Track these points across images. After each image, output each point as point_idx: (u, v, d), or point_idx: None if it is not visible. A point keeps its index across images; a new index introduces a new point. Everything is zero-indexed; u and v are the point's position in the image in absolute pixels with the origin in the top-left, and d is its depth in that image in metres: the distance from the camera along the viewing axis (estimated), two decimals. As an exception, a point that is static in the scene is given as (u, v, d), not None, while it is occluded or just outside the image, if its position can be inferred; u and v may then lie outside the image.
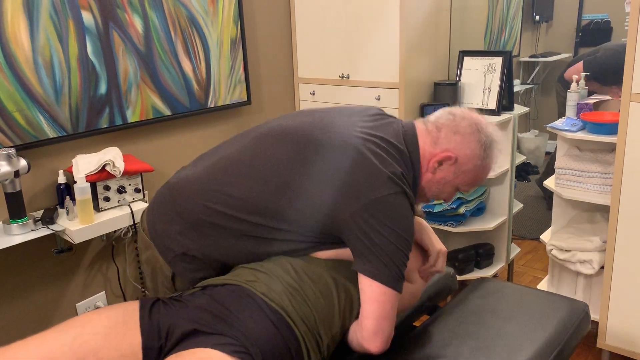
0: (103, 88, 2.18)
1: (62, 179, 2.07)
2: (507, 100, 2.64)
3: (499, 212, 2.74)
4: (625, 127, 1.94)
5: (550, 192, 3.80)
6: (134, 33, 2.24)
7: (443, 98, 2.60)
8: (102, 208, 2.07)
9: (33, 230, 1.93)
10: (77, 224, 1.97)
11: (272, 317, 1.24)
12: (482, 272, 2.69)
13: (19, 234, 1.90)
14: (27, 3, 1.93)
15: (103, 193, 2.07)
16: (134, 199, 2.15)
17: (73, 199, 2.01)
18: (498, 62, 2.60)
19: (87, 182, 1.96)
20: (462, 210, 2.58)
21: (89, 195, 1.96)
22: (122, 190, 2.10)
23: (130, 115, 2.28)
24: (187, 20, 2.41)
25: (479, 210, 2.72)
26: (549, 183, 2.44)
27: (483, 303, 1.68)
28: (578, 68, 3.42)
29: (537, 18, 4.78)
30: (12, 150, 1.86)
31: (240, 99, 2.70)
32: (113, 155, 2.08)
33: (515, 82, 4.46)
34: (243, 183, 1.31)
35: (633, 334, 2.08)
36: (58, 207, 2.09)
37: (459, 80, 2.66)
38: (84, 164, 2.03)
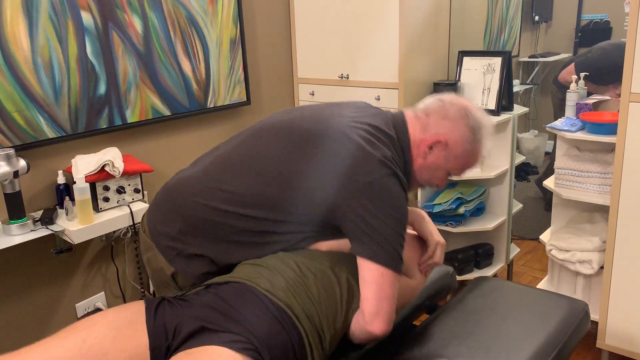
0: (102, 88, 2.18)
1: (61, 180, 2.07)
2: (506, 101, 2.64)
3: (499, 212, 2.74)
4: (625, 127, 1.94)
5: (550, 192, 3.81)
6: (134, 33, 2.24)
7: (442, 98, 2.60)
8: (101, 208, 2.07)
9: (32, 231, 1.93)
10: (76, 225, 1.96)
11: (276, 313, 1.24)
12: (481, 272, 2.69)
13: (18, 235, 1.90)
14: (26, 3, 1.93)
15: (102, 193, 2.07)
16: (134, 199, 2.15)
17: (72, 200, 2.01)
18: (497, 62, 2.60)
19: (86, 182, 1.96)
20: (461, 211, 2.58)
21: (89, 196, 1.96)
22: (121, 191, 2.10)
23: (130, 116, 2.28)
24: (186, 21, 2.41)
25: (479, 211, 2.72)
26: (549, 183, 2.44)
27: (482, 302, 1.68)
28: (570, 70, 3.43)
29: (536, 18, 4.78)
30: (11, 151, 1.86)
31: (240, 99, 2.70)
32: (112, 156, 2.07)
33: (515, 82, 4.46)
34: (240, 179, 1.33)
35: (633, 334, 2.08)
36: (57, 207, 2.09)
37: (459, 81, 2.66)
38: (84, 165, 2.02)
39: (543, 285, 2.48)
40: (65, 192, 2.07)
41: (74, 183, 1.95)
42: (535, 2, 4.71)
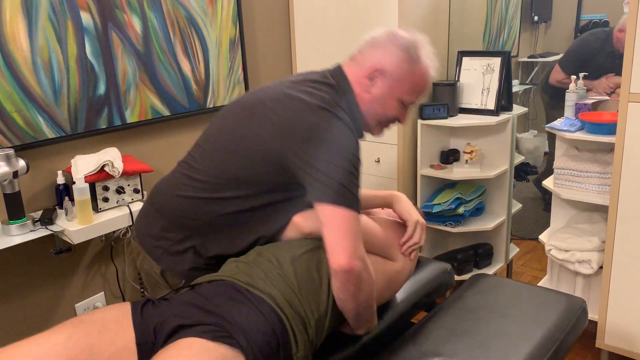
0: (102, 88, 2.18)
1: (61, 180, 2.07)
2: (505, 101, 2.64)
3: (498, 212, 2.74)
4: (624, 127, 1.94)
5: (548, 193, 3.81)
6: (133, 33, 2.24)
7: (442, 98, 2.60)
8: (101, 209, 2.07)
9: (32, 231, 1.93)
10: (76, 225, 1.97)
11: (255, 302, 1.26)
12: (481, 272, 2.69)
13: (18, 235, 1.90)
14: (25, 4, 1.93)
15: (102, 194, 2.07)
16: (133, 200, 2.15)
17: (72, 200, 2.01)
18: (497, 62, 2.60)
19: (86, 182, 1.96)
20: (461, 211, 2.58)
21: (88, 196, 1.96)
22: (121, 191, 2.10)
23: (129, 116, 2.28)
24: (185, 21, 2.41)
25: (478, 211, 2.72)
26: (548, 183, 2.44)
27: (480, 299, 1.69)
28: (557, 69, 3.46)
29: (535, 18, 4.78)
30: (10, 151, 1.86)
31: (239, 100, 2.70)
32: (112, 156, 2.08)
33: (514, 82, 4.46)
34: (204, 164, 1.38)
35: (632, 334, 2.09)
36: (57, 207, 2.09)
37: (458, 81, 2.66)
38: (83, 165, 2.02)
39: (542, 285, 2.48)
40: (65, 192, 2.07)
41: (74, 183, 1.95)
42: (535, 2, 4.71)
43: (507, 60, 2.59)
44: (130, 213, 2.08)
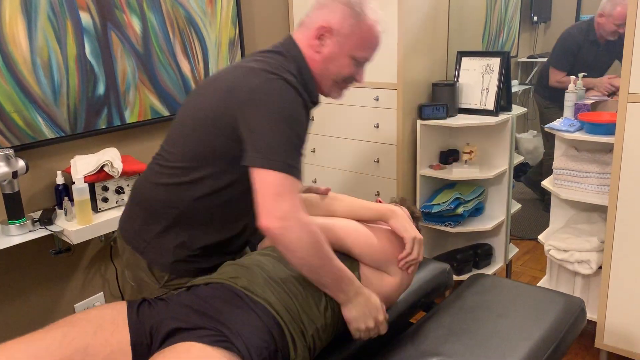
0: (101, 89, 2.18)
1: (60, 180, 2.07)
2: (505, 101, 2.64)
3: (497, 212, 2.74)
4: (623, 127, 1.94)
5: (547, 193, 3.81)
6: (132, 34, 2.24)
7: (441, 98, 2.60)
8: (100, 209, 2.07)
9: (31, 231, 1.93)
10: (75, 225, 1.97)
11: (254, 308, 1.26)
12: (480, 272, 2.69)
13: (17, 235, 1.90)
14: (25, 4, 1.93)
15: (101, 194, 2.07)
16: (133, 200, 2.15)
17: (71, 200, 2.01)
18: (496, 62, 2.60)
19: (85, 182, 1.96)
20: (460, 211, 2.58)
21: (87, 196, 1.96)
22: (120, 191, 2.10)
23: (129, 116, 2.29)
24: (185, 21, 2.41)
25: (477, 211, 2.72)
26: (547, 183, 2.44)
27: (479, 299, 1.69)
28: (553, 71, 3.46)
29: (535, 19, 4.78)
30: (10, 151, 1.86)
31: (239, 100, 2.70)
32: (111, 156, 2.08)
33: (513, 82, 4.46)
34: (173, 150, 1.41)
35: (631, 334, 2.09)
36: (56, 207, 2.09)
37: (457, 81, 2.66)
38: (83, 165, 2.03)
39: (542, 285, 2.48)
40: (64, 192, 2.07)
41: (73, 183, 1.95)
42: (534, 2, 4.71)
43: (506, 61, 2.59)
44: (130, 213, 2.08)
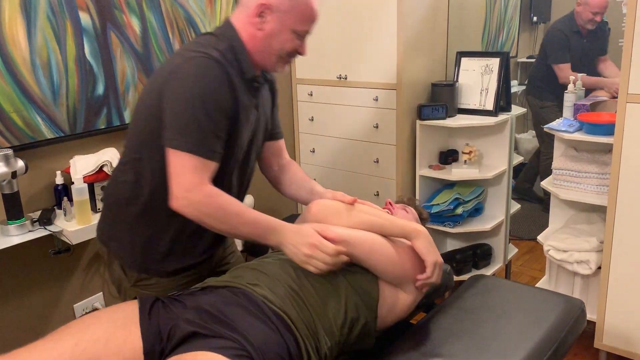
0: (101, 89, 2.18)
1: (59, 180, 2.07)
2: (504, 101, 2.65)
3: (497, 212, 2.74)
4: (622, 127, 1.94)
5: (540, 195, 3.81)
6: (132, 34, 2.24)
7: (440, 99, 2.60)
8: (99, 209, 2.07)
9: (30, 231, 1.93)
10: (74, 225, 1.97)
11: (274, 319, 1.24)
12: (480, 272, 2.69)
13: (17, 235, 1.90)
14: (24, 4, 1.93)
15: (101, 194, 2.06)
16: (132, 200, 2.15)
17: (71, 200, 2.01)
18: (495, 63, 2.60)
19: (84, 182, 1.96)
20: (459, 211, 2.58)
21: (87, 196, 1.96)
22: (119, 191, 2.10)
23: (128, 116, 2.28)
24: (184, 21, 2.41)
25: (477, 211, 2.72)
26: (546, 184, 2.44)
27: (479, 300, 1.69)
28: (558, 67, 3.49)
29: (534, 19, 4.78)
30: (9, 151, 1.86)
31: (238, 100, 2.70)
32: (110, 156, 2.08)
33: (513, 83, 4.46)
34: (127, 147, 1.45)
35: (630, 334, 2.09)
36: (55, 208, 2.09)
37: (457, 81, 2.66)
38: (82, 165, 2.03)
39: (541, 286, 2.48)
40: (64, 192, 2.07)
41: (72, 183, 1.95)
42: (534, 2, 4.71)
43: (506, 61, 2.59)
44: (129, 213, 2.08)
